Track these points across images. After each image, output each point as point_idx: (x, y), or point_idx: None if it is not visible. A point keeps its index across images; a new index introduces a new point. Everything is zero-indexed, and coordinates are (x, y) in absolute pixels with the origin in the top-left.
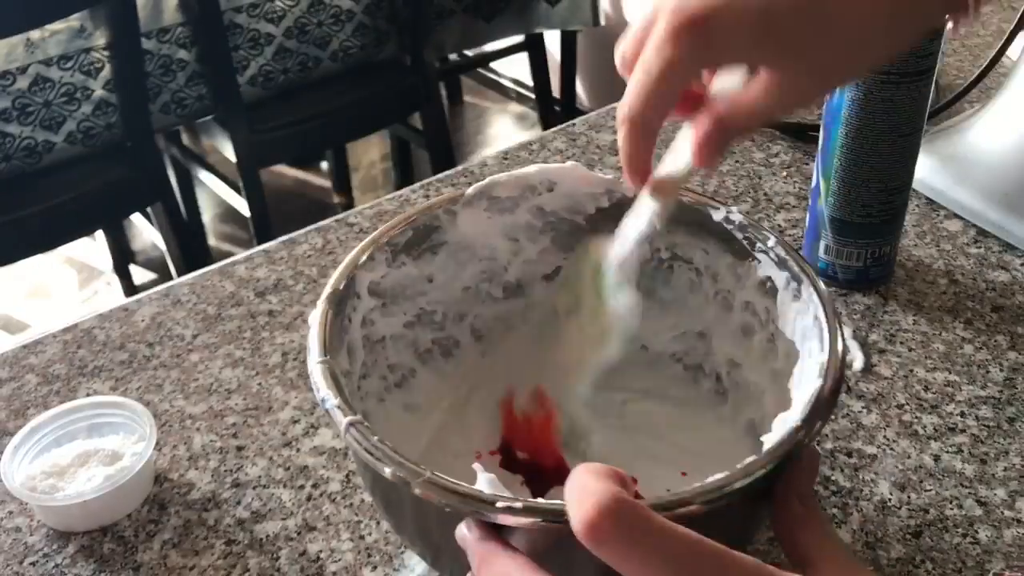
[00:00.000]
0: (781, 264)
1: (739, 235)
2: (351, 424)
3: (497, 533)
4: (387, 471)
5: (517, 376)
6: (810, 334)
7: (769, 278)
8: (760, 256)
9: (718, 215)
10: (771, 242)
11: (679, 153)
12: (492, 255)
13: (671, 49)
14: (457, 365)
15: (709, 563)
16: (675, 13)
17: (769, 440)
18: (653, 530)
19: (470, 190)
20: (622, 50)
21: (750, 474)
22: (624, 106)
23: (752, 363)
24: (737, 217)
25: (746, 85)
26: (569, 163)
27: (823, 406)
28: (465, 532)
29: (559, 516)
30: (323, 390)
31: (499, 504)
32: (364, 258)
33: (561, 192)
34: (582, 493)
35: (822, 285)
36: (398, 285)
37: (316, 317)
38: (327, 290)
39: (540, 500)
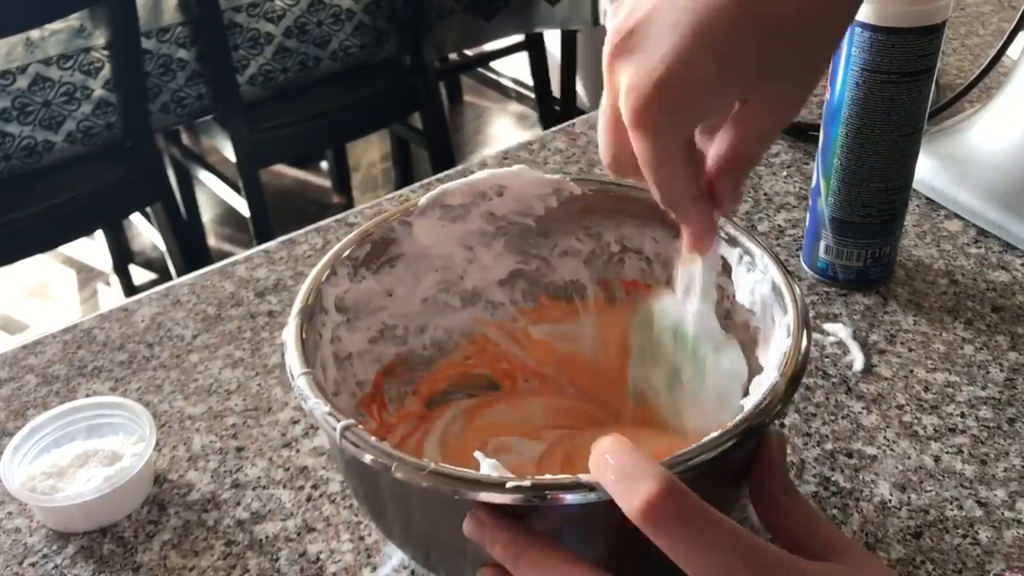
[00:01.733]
0: (732, 242)
1: None
2: (346, 429)
3: (517, 520)
4: (393, 467)
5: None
6: (771, 301)
7: (721, 256)
8: None
9: None
10: (720, 222)
11: None
12: (448, 264)
13: (650, 140)
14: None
15: (754, 553)
16: (631, 95)
17: (748, 402)
18: (707, 518)
19: (422, 200)
20: (608, 156)
21: (716, 447)
22: (658, 196)
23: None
24: None
25: (731, 121)
26: (517, 166)
27: (794, 371)
28: (480, 522)
29: (574, 489)
30: (312, 400)
31: (509, 484)
32: (328, 273)
33: (511, 196)
34: (633, 471)
35: (775, 255)
36: (360, 300)
37: (291, 332)
38: (297, 305)
39: (547, 476)
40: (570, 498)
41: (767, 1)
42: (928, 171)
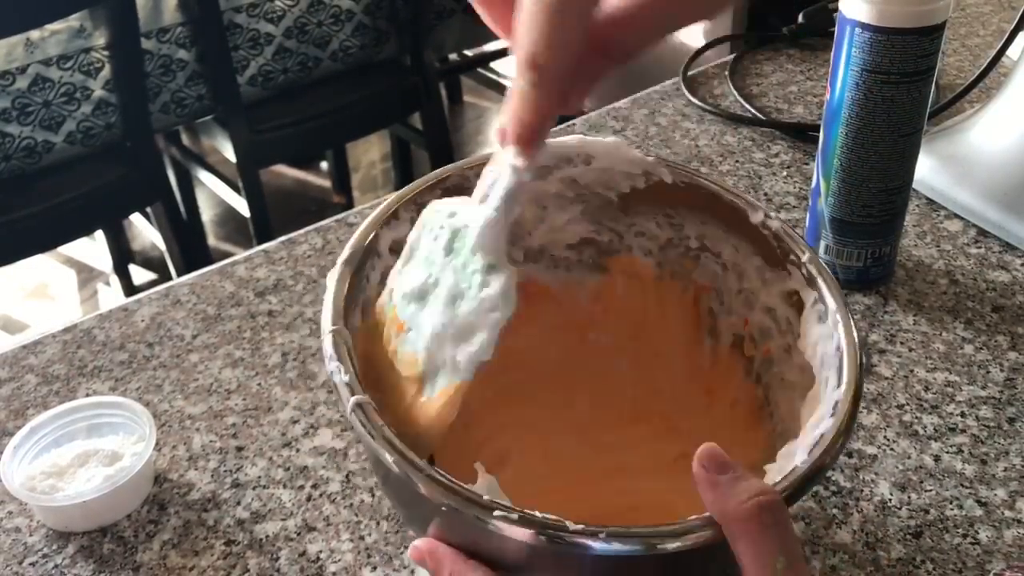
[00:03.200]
0: (810, 282)
1: (773, 242)
2: (357, 405)
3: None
4: (389, 459)
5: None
6: (829, 363)
7: (796, 292)
8: (791, 269)
9: (755, 217)
10: (805, 257)
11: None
12: (517, 219)
13: None
14: None
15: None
16: None
17: (772, 471)
18: (790, 527)
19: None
20: None
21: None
22: (523, 50)
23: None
24: (775, 224)
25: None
26: (612, 139)
27: (831, 450)
28: (424, 547)
29: (558, 530)
30: (334, 361)
31: (496, 512)
32: (388, 215)
33: (598, 167)
34: (731, 479)
35: (849, 315)
36: None
37: (333, 276)
38: (347, 250)
39: (536, 513)
40: (598, 547)
41: None
42: (928, 171)
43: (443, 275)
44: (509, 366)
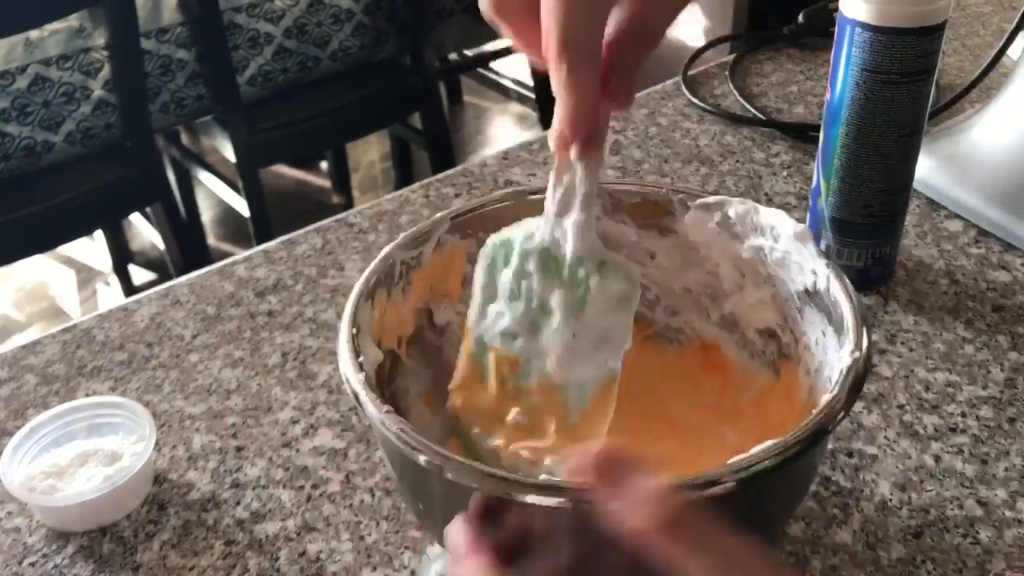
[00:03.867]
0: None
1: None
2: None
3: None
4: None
5: None
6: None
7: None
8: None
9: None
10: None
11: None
12: (714, 274)
13: None
14: None
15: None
16: None
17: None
18: (713, 531)
19: (710, 198)
20: None
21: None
22: (555, 34)
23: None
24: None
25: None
26: (799, 226)
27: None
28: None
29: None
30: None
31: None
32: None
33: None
34: (639, 489)
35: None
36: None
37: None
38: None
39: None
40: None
41: None
42: (928, 171)
43: (548, 296)
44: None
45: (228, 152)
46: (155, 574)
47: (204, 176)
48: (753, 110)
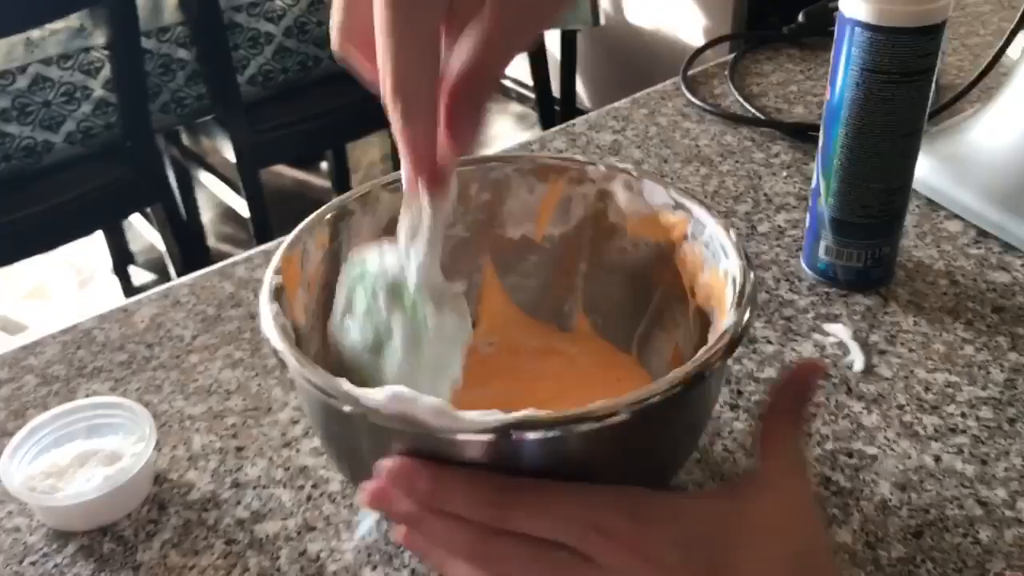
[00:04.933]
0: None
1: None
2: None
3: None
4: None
5: None
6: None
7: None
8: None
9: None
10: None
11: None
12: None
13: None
14: None
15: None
16: None
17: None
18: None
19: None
20: (339, 23)
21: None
22: (388, 81)
23: None
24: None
25: (468, 33)
26: None
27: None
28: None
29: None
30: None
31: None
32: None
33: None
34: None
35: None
36: None
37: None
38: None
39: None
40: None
41: None
42: (928, 171)
43: (394, 324)
44: None
45: (228, 152)
46: (155, 574)
47: (204, 176)
48: (753, 110)
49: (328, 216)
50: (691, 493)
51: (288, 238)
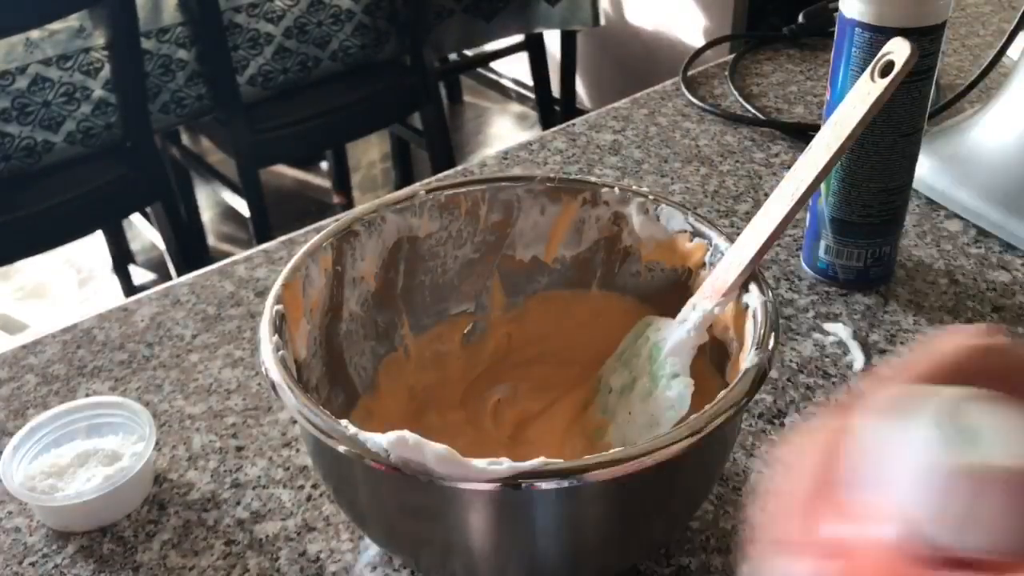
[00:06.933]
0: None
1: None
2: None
3: None
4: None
5: None
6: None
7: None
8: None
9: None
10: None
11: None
12: None
13: None
14: None
15: None
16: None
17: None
18: None
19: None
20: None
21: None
22: None
23: None
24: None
25: None
26: None
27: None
28: None
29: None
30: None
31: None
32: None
33: None
34: None
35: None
36: None
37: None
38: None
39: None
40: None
41: None
42: (928, 171)
43: (640, 375)
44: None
45: (228, 152)
46: (155, 574)
47: (204, 176)
48: (753, 110)
49: (332, 239)
50: None
51: (289, 264)
